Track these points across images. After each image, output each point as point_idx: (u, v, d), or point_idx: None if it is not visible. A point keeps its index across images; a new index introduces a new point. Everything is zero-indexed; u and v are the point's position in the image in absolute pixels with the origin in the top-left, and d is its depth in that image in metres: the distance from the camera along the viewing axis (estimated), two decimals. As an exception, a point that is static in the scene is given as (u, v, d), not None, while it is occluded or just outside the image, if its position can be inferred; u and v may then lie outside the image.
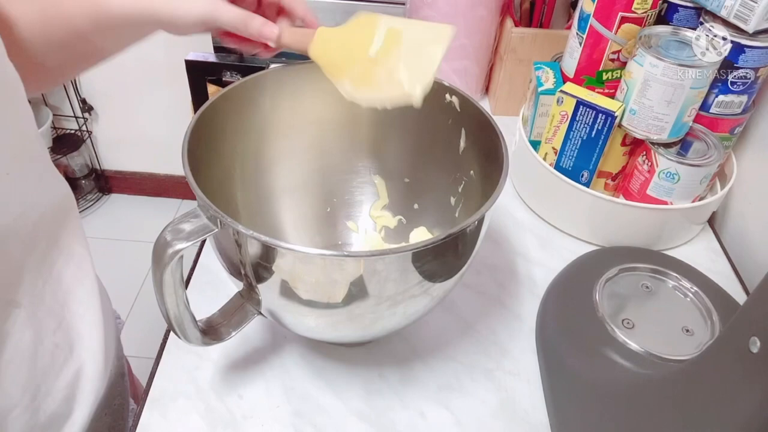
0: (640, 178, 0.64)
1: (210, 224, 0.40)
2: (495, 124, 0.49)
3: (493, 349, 0.56)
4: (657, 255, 0.59)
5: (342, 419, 0.50)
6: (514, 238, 0.68)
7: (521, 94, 0.83)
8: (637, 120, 0.61)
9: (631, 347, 0.48)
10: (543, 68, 0.70)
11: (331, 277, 0.40)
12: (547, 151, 0.67)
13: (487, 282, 0.62)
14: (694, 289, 0.53)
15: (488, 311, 0.59)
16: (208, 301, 0.50)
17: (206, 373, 0.52)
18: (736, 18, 0.57)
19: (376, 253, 0.40)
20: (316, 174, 0.61)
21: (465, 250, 0.45)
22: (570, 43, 0.66)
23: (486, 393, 0.52)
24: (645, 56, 0.57)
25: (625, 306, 0.52)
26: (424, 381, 0.53)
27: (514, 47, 0.79)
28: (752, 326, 0.30)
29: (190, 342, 0.45)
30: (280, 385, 0.52)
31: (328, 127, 0.59)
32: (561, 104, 0.62)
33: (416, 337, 0.56)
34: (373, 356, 0.55)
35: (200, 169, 0.43)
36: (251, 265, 0.42)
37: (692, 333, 0.50)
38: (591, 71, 0.65)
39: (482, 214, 0.41)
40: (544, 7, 0.80)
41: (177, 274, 0.40)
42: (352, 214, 0.63)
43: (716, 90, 0.61)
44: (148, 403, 0.50)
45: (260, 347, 0.55)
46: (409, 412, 0.51)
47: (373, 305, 0.43)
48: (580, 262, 0.59)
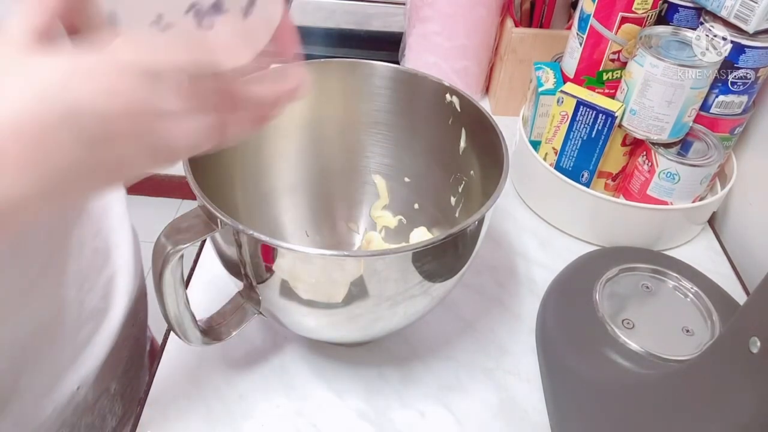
0: (640, 178, 0.64)
1: (210, 224, 0.40)
2: (495, 124, 0.49)
3: (493, 348, 0.56)
4: (657, 255, 0.59)
5: (342, 419, 0.50)
6: (514, 238, 0.68)
7: (521, 94, 0.83)
8: (638, 120, 0.60)
9: (631, 347, 0.48)
10: (543, 68, 0.70)
11: (331, 277, 0.40)
12: (548, 151, 0.67)
13: (487, 282, 0.62)
14: (694, 289, 0.53)
15: (488, 311, 0.59)
16: (208, 301, 0.50)
17: (206, 373, 0.52)
18: (736, 18, 0.57)
19: (376, 253, 0.40)
20: (316, 174, 0.61)
21: (465, 250, 0.45)
22: (570, 43, 0.66)
23: (486, 393, 0.52)
24: (645, 56, 0.57)
25: (625, 306, 0.52)
26: (424, 381, 0.53)
27: (514, 47, 0.79)
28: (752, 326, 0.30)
29: (190, 342, 0.45)
30: (280, 385, 0.52)
31: (328, 126, 0.59)
32: (561, 104, 0.62)
33: (416, 337, 0.56)
34: (373, 356, 0.54)
35: (200, 169, 0.43)
36: (251, 265, 0.42)
37: (692, 333, 0.50)
38: (591, 71, 0.65)
39: (482, 214, 0.42)
40: (545, 8, 0.80)
41: (177, 274, 0.40)
42: (352, 214, 0.63)
43: (716, 90, 0.61)
44: (148, 403, 0.50)
45: (260, 347, 0.55)
46: (409, 411, 0.51)
47: (373, 305, 0.43)
48: (580, 262, 0.59)
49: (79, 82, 0.23)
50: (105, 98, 0.24)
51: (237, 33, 0.31)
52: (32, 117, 0.23)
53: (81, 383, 0.53)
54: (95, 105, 0.23)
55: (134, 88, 0.24)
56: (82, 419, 0.55)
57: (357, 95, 0.57)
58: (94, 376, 0.55)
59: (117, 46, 0.24)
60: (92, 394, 0.55)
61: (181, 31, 0.30)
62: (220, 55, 0.27)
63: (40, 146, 0.23)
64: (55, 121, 0.23)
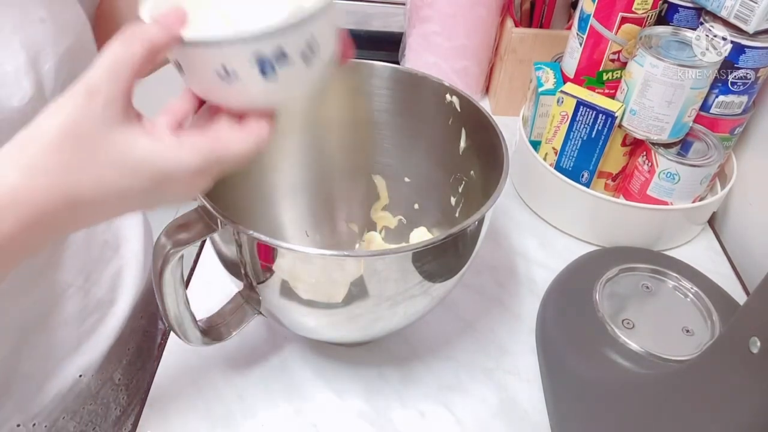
0: (640, 178, 0.64)
1: (210, 224, 0.40)
2: (495, 124, 0.49)
3: (493, 348, 0.56)
4: (657, 255, 0.59)
5: (342, 419, 0.50)
6: (514, 238, 0.68)
7: (521, 94, 0.83)
8: (638, 120, 0.60)
9: (631, 347, 0.48)
10: (543, 68, 0.70)
11: (331, 277, 0.40)
12: (548, 152, 0.67)
13: (487, 282, 0.62)
14: (694, 289, 0.53)
15: (488, 311, 0.59)
16: (208, 301, 0.50)
17: (206, 373, 0.52)
18: (736, 18, 0.57)
19: (376, 253, 0.40)
20: (317, 174, 0.61)
21: (465, 250, 0.45)
22: (570, 43, 0.66)
23: (486, 393, 0.52)
24: (645, 56, 0.57)
25: (625, 306, 0.52)
26: (424, 381, 0.53)
27: (515, 47, 0.79)
28: (752, 326, 0.30)
29: (190, 342, 0.45)
30: (280, 385, 0.52)
31: (328, 127, 0.59)
32: (561, 104, 0.62)
33: (416, 337, 0.56)
34: (373, 356, 0.54)
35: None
36: (251, 265, 0.42)
37: (692, 333, 0.50)
38: (591, 71, 0.65)
39: (482, 214, 0.41)
40: (545, 8, 0.80)
41: (177, 274, 0.40)
42: (352, 214, 0.63)
43: (716, 90, 0.61)
44: (148, 403, 0.50)
45: (260, 347, 0.55)
46: (409, 411, 0.51)
47: (373, 305, 0.43)
48: (580, 262, 0.59)
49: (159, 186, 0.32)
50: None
51: (302, 81, 0.34)
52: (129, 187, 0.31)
53: (84, 371, 0.54)
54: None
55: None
56: (84, 407, 0.55)
57: (357, 95, 0.57)
58: (98, 365, 0.56)
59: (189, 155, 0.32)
60: (95, 383, 0.56)
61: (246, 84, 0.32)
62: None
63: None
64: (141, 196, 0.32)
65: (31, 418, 0.50)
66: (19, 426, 0.49)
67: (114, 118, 0.30)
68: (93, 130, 0.29)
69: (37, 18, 0.41)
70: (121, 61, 0.30)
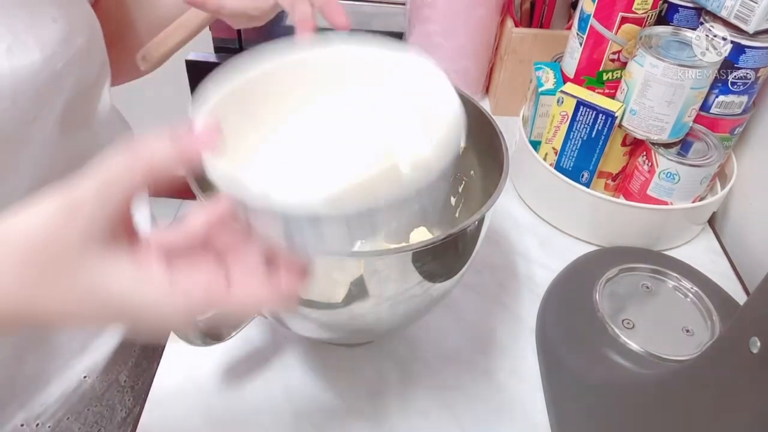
0: (640, 178, 0.64)
1: (210, 224, 0.40)
2: (495, 124, 0.49)
3: (493, 349, 0.56)
4: (657, 255, 0.59)
5: (342, 419, 0.50)
6: (514, 238, 0.68)
7: (521, 94, 0.83)
8: (638, 120, 0.60)
9: (631, 347, 0.48)
10: (543, 68, 0.70)
11: (331, 277, 0.40)
12: (548, 152, 0.67)
13: (487, 282, 0.62)
14: (694, 289, 0.53)
15: (488, 311, 0.59)
16: (208, 301, 0.50)
17: (206, 373, 0.52)
18: (736, 18, 0.57)
19: (376, 253, 0.40)
20: (317, 174, 0.61)
21: (465, 250, 0.45)
22: (570, 43, 0.66)
23: (486, 393, 0.52)
24: (645, 56, 0.57)
25: (625, 306, 0.52)
26: (424, 381, 0.53)
27: (515, 47, 0.79)
28: (752, 326, 0.30)
29: (190, 342, 0.45)
30: (281, 385, 0.52)
31: (328, 127, 0.59)
32: (561, 104, 0.62)
33: (416, 337, 0.56)
34: (373, 356, 0.54)
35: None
36: (251, 265, 0.42)
37: (692, 333, 0.50)
38: (591, 71, 0.65)
39: (482, 214, 0.41)
40: (545, 8, 0.80)
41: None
42: (353, 214, 0.63)
43: (716, 90, 0.61)
44: (149, 403, 0.50)
45: (260, 347, 0.55)
46: (409, 411, 0.51)
47: (373, 305, 0.43)
48: (580, 262, 0.59)
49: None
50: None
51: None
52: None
53: (88, 372, 0.54)
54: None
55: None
56: (89, 408, 0.55)
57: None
58: (103, 366, 0.56)
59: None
60: (100, 384, 0.56)
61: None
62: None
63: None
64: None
65: (35, 418, 0.50)
66: (23, 425, 0.49)
67: (93, 241, 0.26)
68: (66, 250, 0.26)
69: (49, 18, 0.41)
70: (116, 180, 0.26)
